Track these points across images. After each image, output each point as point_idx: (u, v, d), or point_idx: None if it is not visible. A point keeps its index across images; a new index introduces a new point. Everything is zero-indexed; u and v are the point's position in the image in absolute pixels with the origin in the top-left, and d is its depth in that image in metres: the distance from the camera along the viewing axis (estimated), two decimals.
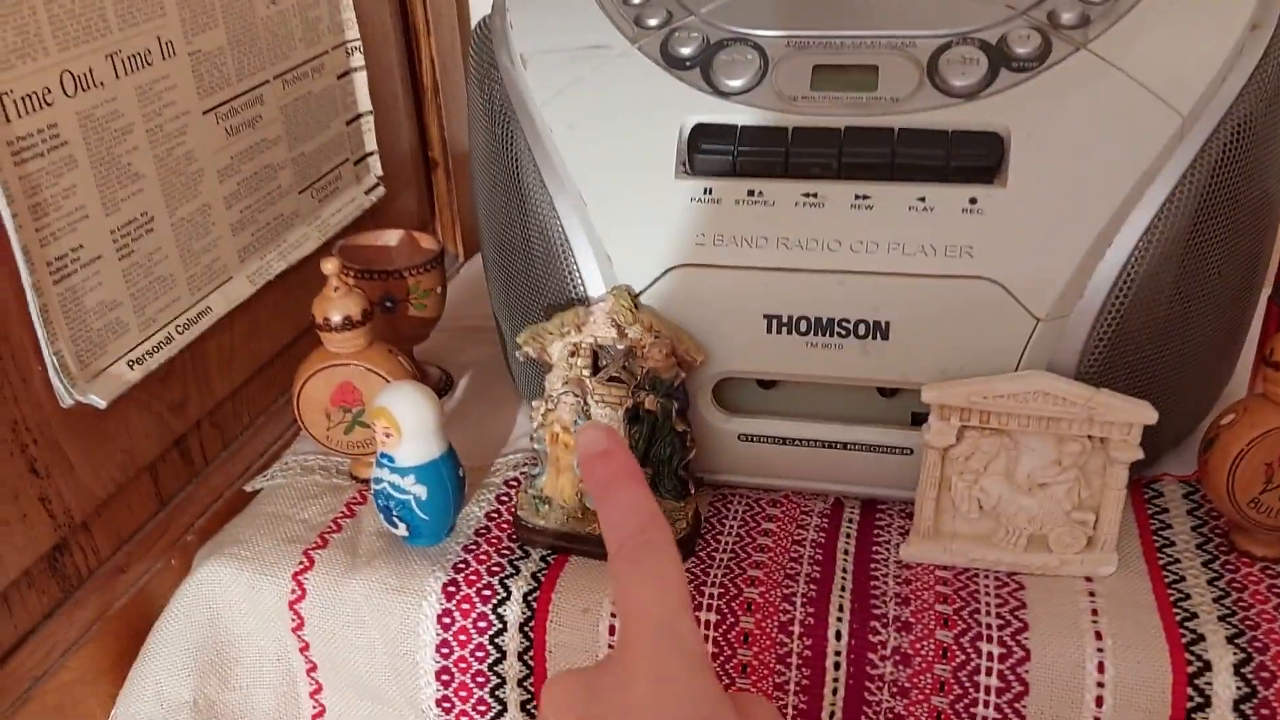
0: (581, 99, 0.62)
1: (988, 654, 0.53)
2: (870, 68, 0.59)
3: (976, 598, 0.56)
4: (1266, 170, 0.60)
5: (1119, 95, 0.56)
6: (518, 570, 0.59)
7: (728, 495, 0.65)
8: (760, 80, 0.60)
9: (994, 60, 0.58)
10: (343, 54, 0.82)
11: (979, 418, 0.55)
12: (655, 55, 0.62)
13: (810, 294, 0.57)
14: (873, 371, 0.58)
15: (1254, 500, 0.56)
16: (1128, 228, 0.55)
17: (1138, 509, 0.62)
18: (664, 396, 0.58)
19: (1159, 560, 0.58)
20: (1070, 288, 0.55)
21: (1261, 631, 0.52)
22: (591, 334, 0.58)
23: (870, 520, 0.62)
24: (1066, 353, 0.56)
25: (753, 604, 0.56)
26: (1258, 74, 0.57)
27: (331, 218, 0.80)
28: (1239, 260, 0.60)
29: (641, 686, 0.31)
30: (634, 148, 0.60)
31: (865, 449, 0.61)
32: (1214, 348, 0.62)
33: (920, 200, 0.56)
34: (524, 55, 0.64)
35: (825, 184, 0.57)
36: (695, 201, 0.58)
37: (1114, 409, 0.54)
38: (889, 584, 0.57)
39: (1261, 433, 0.54)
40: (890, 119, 0.58)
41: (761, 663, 0.55)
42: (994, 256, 0.55)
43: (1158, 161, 0.55)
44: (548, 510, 0.60)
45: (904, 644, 0.54)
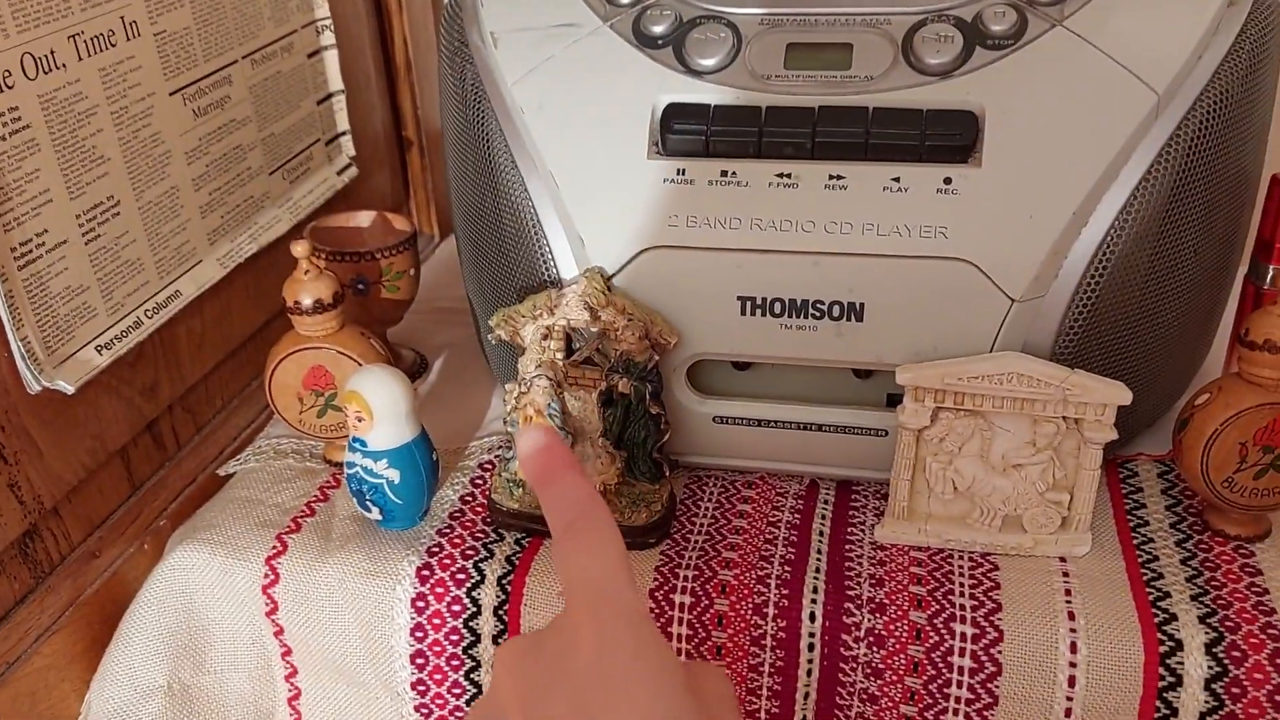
0: (552, 78, 0.61)
1: (961, 635, 0.53)
2: (844, 46, 0.59)
3: (950, 579, 0.56)
4: (1242, 147, 0.60)
5: (1094, 72, 0.56)
6: (492, 554, 0.59)
7: (703, 477, 0.64)
8: (733, 59, 0.59)
9: (969, 38, 0.57)
10: (313, 32, 0.81)
11: (953, 399, 0.55)
12: (627, 33, 0.61)
13: (784, 275, 0.57)
14: (847, 353, 0.58)
15: (1228, 480, 0.56)
16: (1103, 207, 0.55)
17: (1113, 489, 0.62)
18: (637, 379, 0.57)
19: (1133, 540, 0.58)
20: (1045, 268, 0.55)
21: (1233, 611, 0.53)
22: (564, 316, 0.58)
23: (845, 502, 0.62)
24: (1041, 333, 0.56)
25: (727, 586, 0.56)
26: (1234, 51, 0.57)
27: (303, 199, 0.79)
28: (1215, 239, 0.60)
29: (586, 648, 0.32)
30: (606, 128, 0.59)
31: (840, 431, 0.61)
32: (1190, 327, 0.62)
33: (895, 180, 0.56)
34: (494, 34, 0.63)
35: (799, 164, 0.57)
36: (668, 182, 0.58)
37: (1088, 390, 0.54)
38: (863, 565, 0.57)
39: (1235, 412, 0.54)
40: (864, 98, 0.57)
41: (736, 645, 0.55)
42: (969, 237, 0.55)
43: (1133, 139, 0.55)
44: (522, 493, 0.60)
45: (878, 625, 0.54)
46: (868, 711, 0.55)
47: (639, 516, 0.58)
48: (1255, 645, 0.51)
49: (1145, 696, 0.51)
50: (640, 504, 0.58)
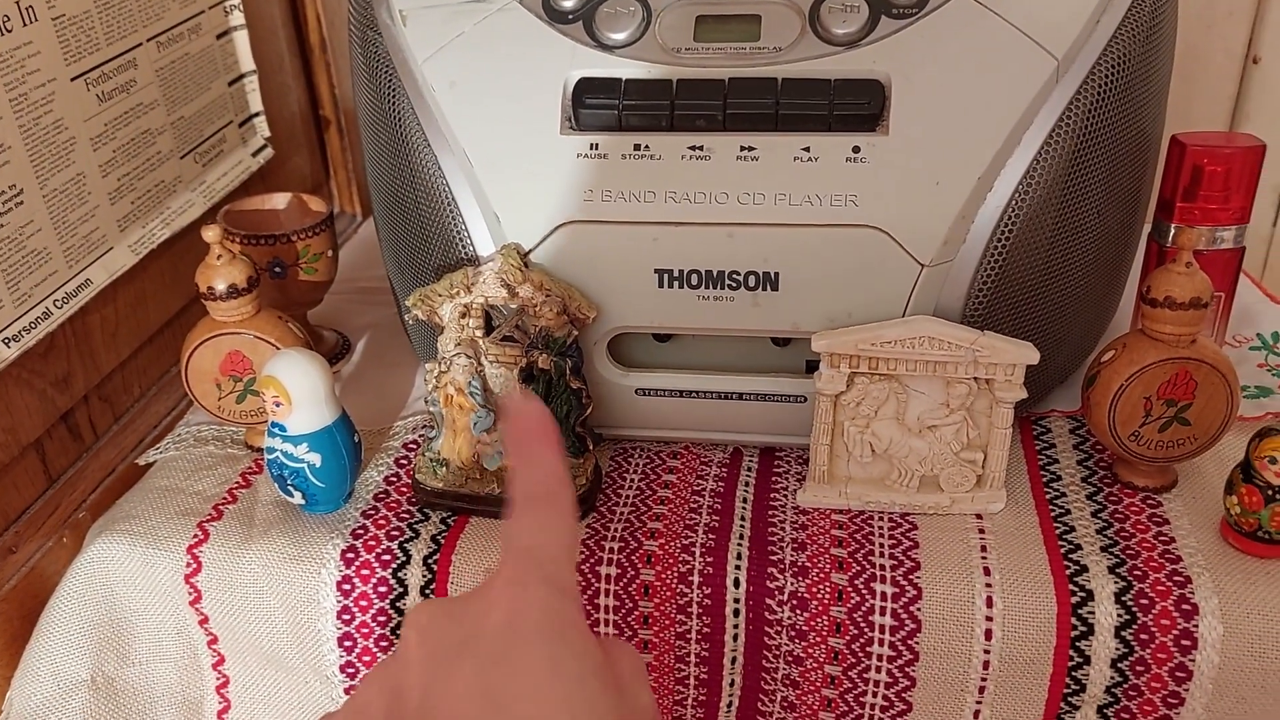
0: (463, 55, 0.61)
1: (881, 594, 0.54)
2: (753, 17, 0.59)
3: (871, 540, 0.57)
4: (1143, 109, 0.61)
5: (996, 39, 0.57)
6: (417, 534, 0.59)
7: (629, 449, 0.65)
8: (643, 32, 0.59)
9: (874, 7, 0.58)
10: (221, 13, 0.79)
11: (868, 364, 0.56)
12: (537, 8, 0.61)
13: (700, 247, 0.57)
14: (764, 322, 0.58)
15: (1134, 433, 0.57)
16: (1008, 171, 0.56)
17: (1026, 445, 0.64)
18: (557, 355, 0.57)
19: (1046, 495, 0.60)
20: (953, 233, 0.56)
21: (1141, 560, 0.54)
22: (482, 294, 0.58)
23: (769, 468, 0.63)
24: (952, 297, 0.57)
25: (652, 556, 0.56)
26: (1131, 15, 0.58)
27: (217, 182, 0.78)
28: (1119, 199, 0.62)
29: (498, 617, 0.32)
30: (518, 104, 0.59)
31: (761, 399, 0.62)
32: (1097, 286, 0.64)
33: (805, 150, 0.56)
34: (403, 11, 0.63)
35: (711, 136, 0.57)
36: (582, 157, 0.58)
37: (997, 350, 0.55)
38: (786, 530, 0.58)
39: (1139, 368, 0.56)
40: (773, 69, 0.58)
41: (663, 613, 0.56)
42: (878, 204, 0.56)
43: (1035, 104, 0.56)
44: (445, 472, 0.60)
45: (800, 588, 0.55)
46: (794, 674, 0.56)
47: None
48: (1162, 592, 0.53)
49: (1059, 646, 0.53)
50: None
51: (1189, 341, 0.56)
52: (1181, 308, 0.55)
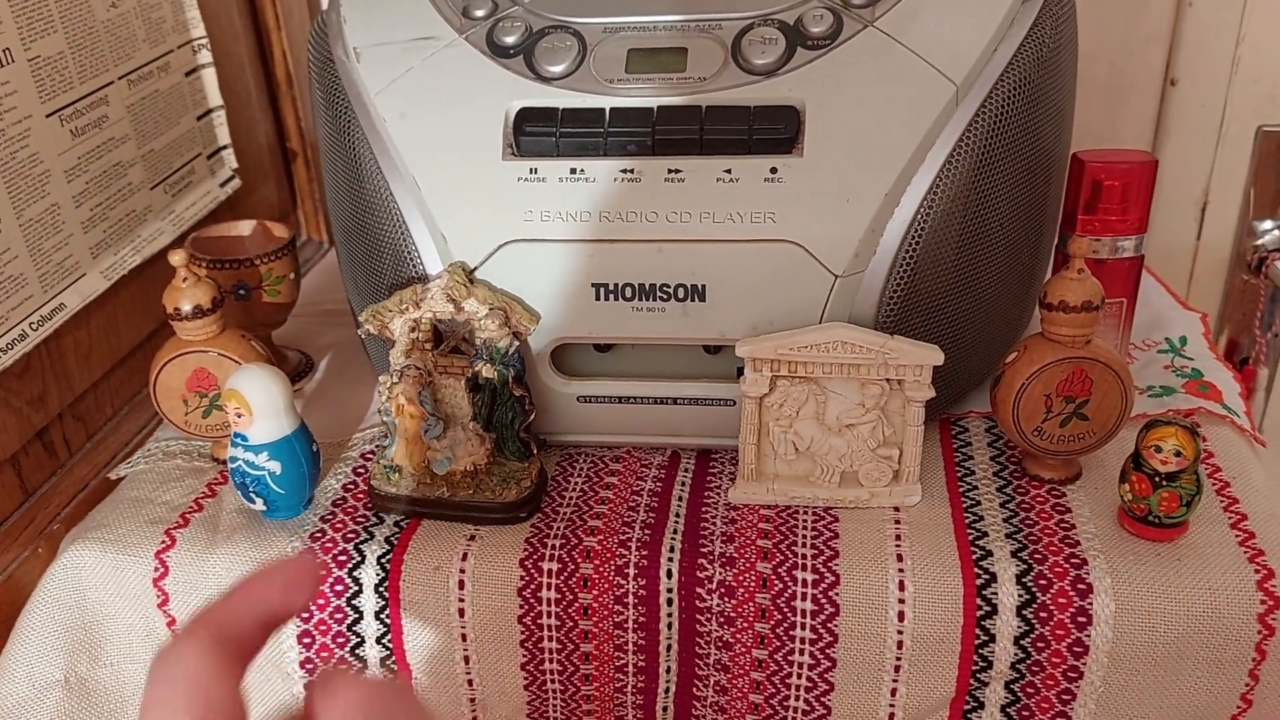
0: (412, 89, 0.65)
1: (803, 581, 0.58)
2: (680, 50, 0.64)
3: (795, 531, 0.61)
4: (1042, 129, 0.66)
5: (900, 68, 0.61)
6: (372, 536, 0.62)
7: (574, 454, 0.69)
8: (579, 65, 0.64)
9: (791, 39, 0.63)
10: (189, 52, 0.84)
11: (788, 368, 0.61)
12: (481, 45, 0.66)
13: (632, 262, 0.62)
14: (693, 331, 0.63)
15: (1037, 429, 0.62)
16: (913, 188, 0.60)
17: (945, 443, 0.68)
18: (501, 365, 0.62)
19: (959, 488, 0.64)
20: (864, 246, 0.60)
21: (1042, 545, 0.59)
22: (430, 309, 0.62)
23: (704, 469, 0.67)
24: (865, 304, 0.61)
25: (591, 551, 0.60)
26: (1028, 42, 0.63)
27: (186, 211, 0.82)
28: (1023, 213, 0.66)
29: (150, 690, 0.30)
30: (463, 133, 0.63)
31: (695, 403, 0.66)
32: (1008, 294, 0.68)
33: (727, 172, 0.61)
34: (357, 49, 0.67)
35: (641, 160, 0.62)
36: (522, 181, 0.62)
37: (905, 353, 0.59)
38: (717, 525, 0.62)
39: (1039, 367, 0.60)
40: (698, 97, 0.62)
41: (601, 604, 0.60)
42: (794, 220, 0.60)
43: (936, 126, 0.60)
44: (398, 478, 0.64)
45: (728, 577, 0.59)
46: (724, 658, 0.60)
47: (510, 493, 0.62)
48: (1059, 573, 0.57)
49: (966, 625, 0.57)
50: (511, 481, 0.63)
51: (1084, 342, 0.60)
52: (1075, 311, 0.59)
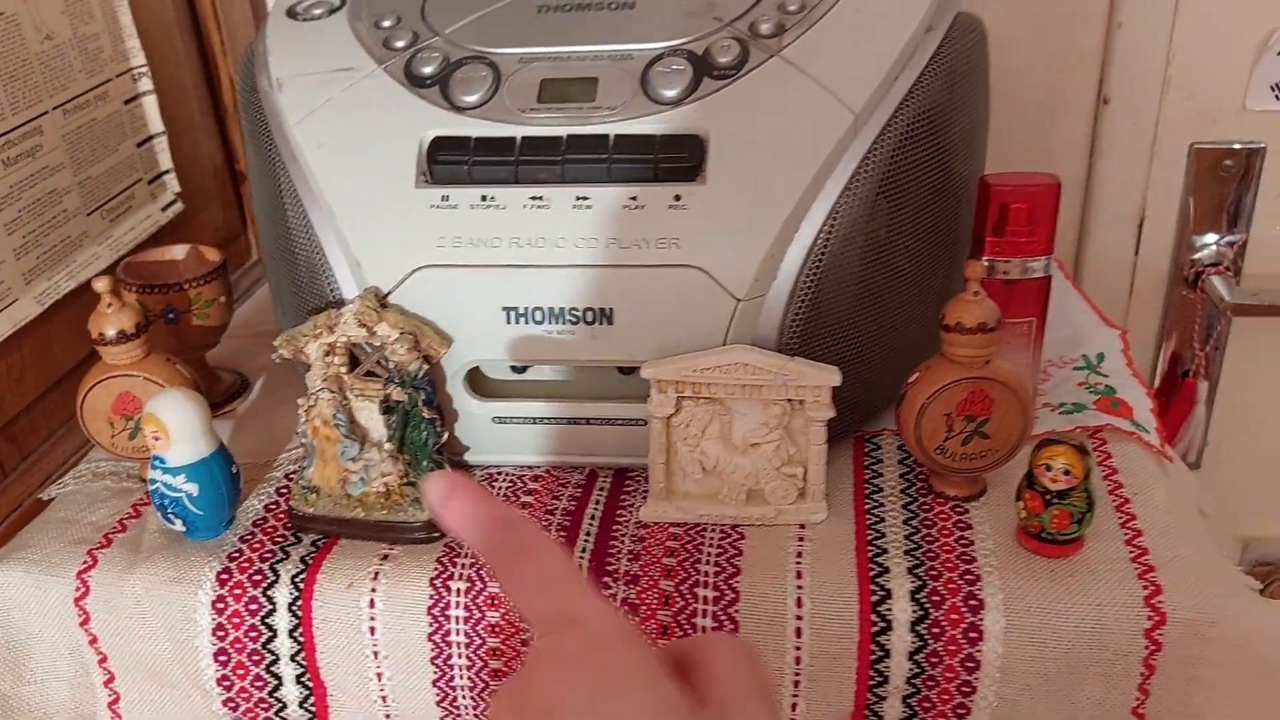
0: (331, 119, 0.67)
1: (704, 598, 0.60)
2: (591, 80, 0.66)
3: (700, 549, 0.62)
4: (949, 154, 0.68)
5: (802, 96, 0.63)
6: (288, 555, 0.64)
7: (494, 475, 0.70)
8: (493, 95, 0.66)
9: (698, 69, 0.65)
10: (129, 80, 0.85)
11: (692, 389, 0.62)
12: (399, 75, 0.67)
13: (542, 287, 0.63)
14: (602, 353, 0.64)
15: (939, 447, 0.63)
16: (812, 214, 0.62)
17: (857, 460, 0.69)
18: (411, 387, 0.63)
19: (866, 505, 0.65)
20: (764, 271, 0.62)
21: (939, 562, 0.60)
22: (344, 334, 0.63)
23: (620, 488, 0.68)
24: (767, 327, 0.63)
25: None
26: (931, 70, 0.65)
27: (124, 236, 0.84)
28: (932, 236, 0.68)
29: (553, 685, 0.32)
30: (378, 162, 0.65)
31: (609, 423, 0.67)
32: (919, 314, 0.69)
33: (633, 199, 0.62)
34: (279, 79, 0.69)
35: (550, 187, 0.63)
36: (434, 208, 0.64)
37: (804, 374, 0.61)
38: (625, 543, 0.63)
39: (939, 387, 0.62)
40: (607, 126, 0.64)
41: (508, 621, 0.61)
42: (697, 246, 0.62)
43: (835, 153, 0.62)
44: (315, 498, 0.65)
45: (631, 595, 0.60)
46: None
47: (423, 513, 0.64)
48: (953, 590, 0.58)
49: (861, 641, 0.58)
50: (423, 502, 0.64)
51: (984, 362, 0.62)
52: (971, 332, 0.61)
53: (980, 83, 0.71)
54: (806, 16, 0.66)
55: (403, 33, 0.69)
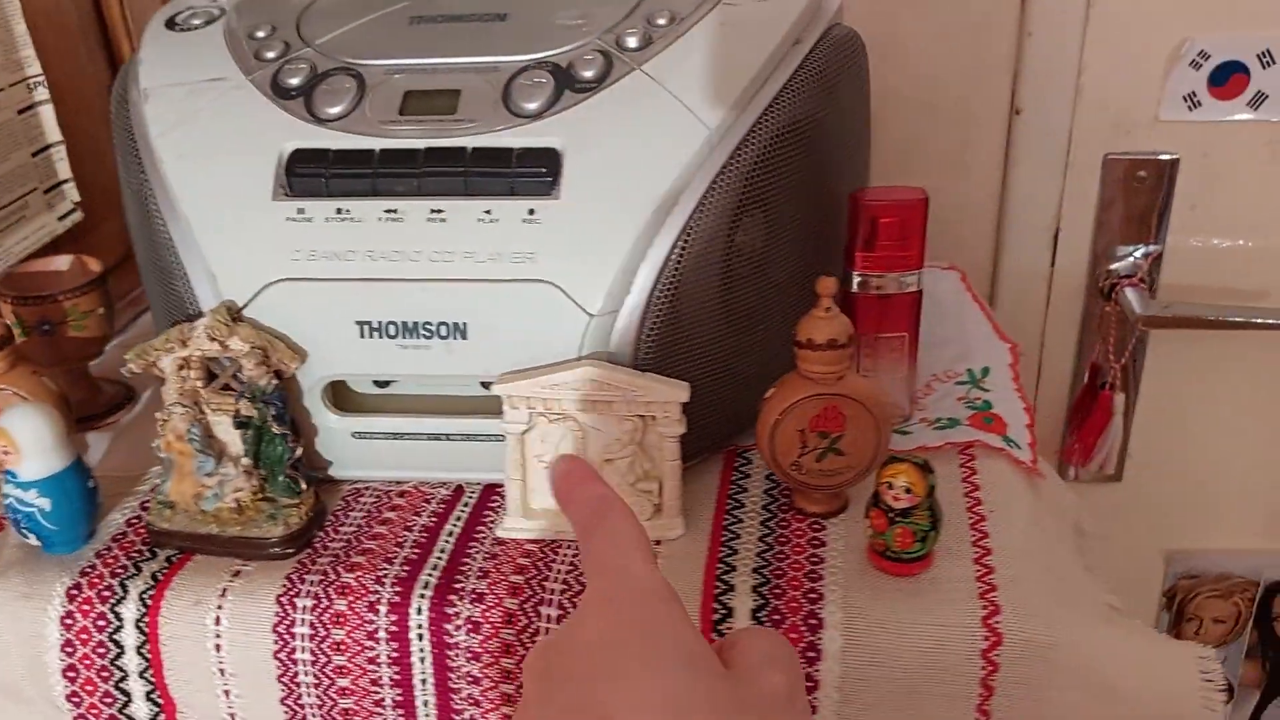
0: (194, 131, 0.66)
1: (547, 616, 0.59)
2: (453, 92, 0.65)
3: (551, 567, 0.62)
4: (819, 169, 0.67)
5: (660, 111, 0.63)
6: (140, 571, 0.63)
7: (361, 491, 0.70)
8: (355, 107, 0.65)
9: (560, 82, 0.64)
10: (24, 90, 0.85)
11: (544, 405, 0.62)
12: (265, 87, 0.67)
13: (396, 301, 0.63)
14: (457, 368, 0.64)
15: (794, 463, 0.63)
16: (665, 231, 0.61)
17: (724, 475, 0.69)
18: (261, 403, 0.63)
19: (725, 522, 0.65)
20: (617, 286, 0.61)
21: (785, 580, 0.60)
22: (197, 348, 0.63)
23: (485, 504, 0.68)
24: (622, 343, 0.62)
25: (347, 587, 0.61)
26: (795, 85, 0.65)
27: (15, 246, 0.83)
28: (801, 251, 0.67)
29: (590, 629, 0.33)
30: (236, 174, 0.65)
31: (469, 439, 0.67)
32: (787, 329, 0.69)
33: (487, 213, 0.62)
34: (147, 90, 0.68)
35: (406, 201, 0.63)
36: (290, 221, 0.63)
37: (651, 390, 0.60)
38: (477, 560, 0.63)
39: (791, 403, 0.61)
40: (465, 140, 0.63)
41: (354, 640, 0.60)
42: (550, 261, 0.61)
43: (689, 169, 0.61)
44: (171, 514, 0.65)
45: (475, 614, 0.60)
46: (476, 693, 0.61)
47: (276, 529, 0.63)
48: (794, 608, 0.58)
49: None
50: (279, 517, 0.64)
51: (836, 378, 0.61)
52: (821, 348, 0.60)
53: (854, 96, 0.71)
54: (673, 29, 0.66)
55: (275, 43, 0.69)
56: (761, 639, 0.35)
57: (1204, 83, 0.96)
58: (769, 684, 0.33)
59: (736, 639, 0.36)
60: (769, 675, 0.33)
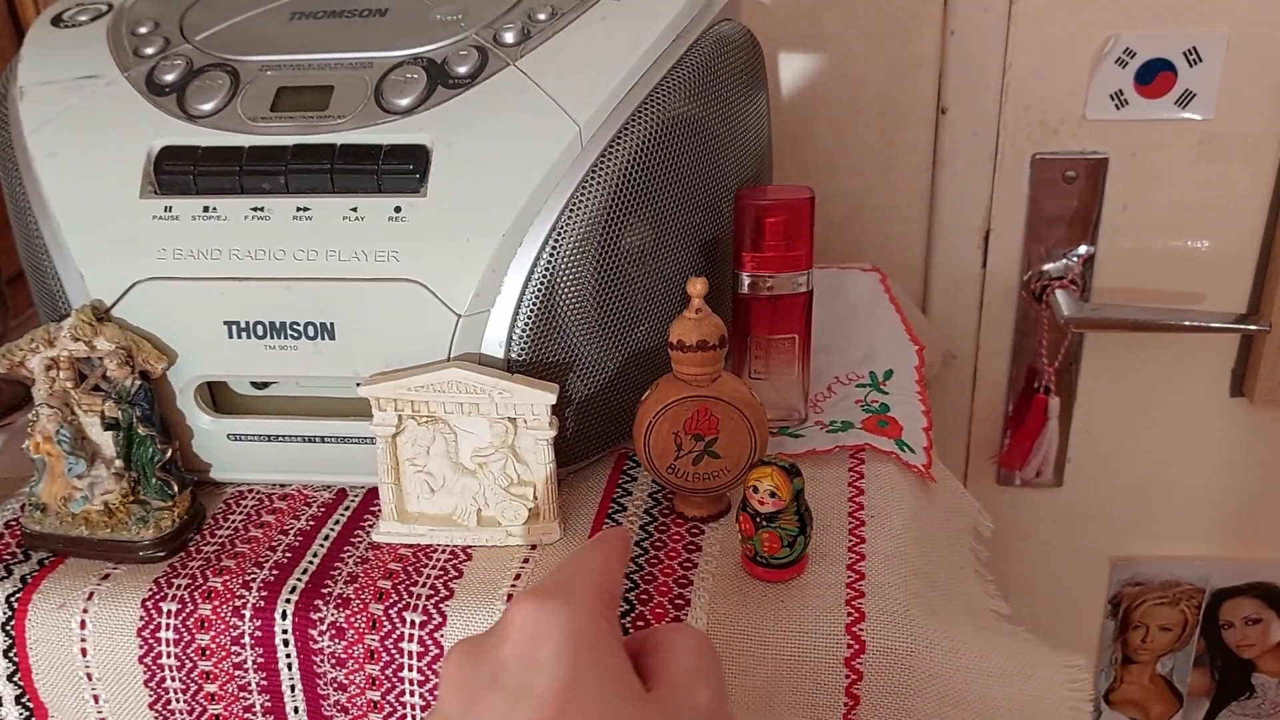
0: (65, 128, 0.65)
1: (410, 622, 0.58)
2: (326, 88, 0.64)
3: (421, 572, 0.61)
4: (702, 168, 0.66)
5: (531, 107, 0.61)
6: (11, 573, 0.62)
7: (244, 494, 0.69)
8: (227, 103, 0.64)
9: (433, 78, 0.63)
10: None
11: (411, 407, 0.61)
12: (140, 84, 0.66)
13: (262, 300, 0.62)
14: (326, 369, 0.63)
15: (670, 466, 0.61)
16: (534, 229, 0.60)
17: (612, 478, 0.68)
18: (127, 404, 0.62)
19: (605, 526, 0.64)
20: (486, 286, 0.60)
21: (655, 585, 0.58)
22: (64, 348, 0.62)
23: (366, 507, 0.67)
24: (493, 344, 0.61)
25: (213, 592, 0.60)
26: (671, 82, 0.64)
27: None
28: (685, 251, 0.66)
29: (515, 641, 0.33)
30: (105, 172, 0.63)
31: (345, 441, 0.66)
32: None
33: (353, 210, 0.61)
34: (23, 87, 0.68)
35: (273, 198, 0.62)
36: (157, 219, 0.62)
37: (516, 393, 0.59)
38: (348, 565, 0.62)
39: (664, 405, 0.60)
40: (333, 136, 0.62)
41: (218, 645, 0.59)
42: (417, 260, 0.60)
43: (559, 166, 0.60)
44: (43, 516, 0.64)
45: (340, 619, 0.58)
46: (342, 699, 0.60)
47: (147, 532, 0.62)
48: (659, 615, 0.57)
49: None
50: (150, 520, 0.62)
51: (710, 380, 0.60)
52: (692, 350, 0.59)
53: (743, 94, 0.70)
54: (551, 25, 0.65)
55: (154, 40, 0.68)
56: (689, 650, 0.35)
57: (1130, 81, 0.95)
58: (695, 703, 0.33)
59: (660, 643, 0.35)
60: (696, 693, 0.33)
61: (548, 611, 0.33)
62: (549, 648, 0.32)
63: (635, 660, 0.35)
